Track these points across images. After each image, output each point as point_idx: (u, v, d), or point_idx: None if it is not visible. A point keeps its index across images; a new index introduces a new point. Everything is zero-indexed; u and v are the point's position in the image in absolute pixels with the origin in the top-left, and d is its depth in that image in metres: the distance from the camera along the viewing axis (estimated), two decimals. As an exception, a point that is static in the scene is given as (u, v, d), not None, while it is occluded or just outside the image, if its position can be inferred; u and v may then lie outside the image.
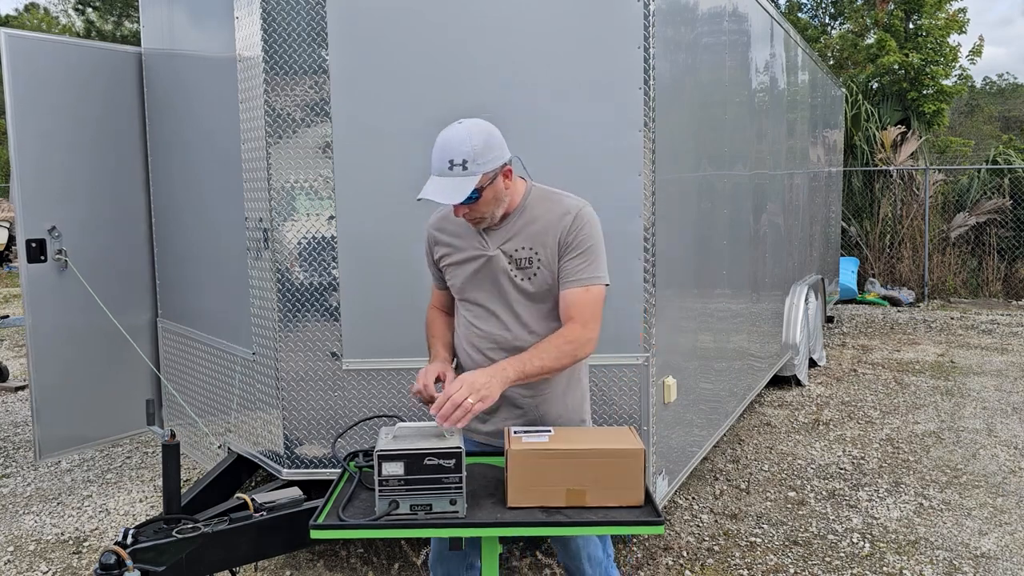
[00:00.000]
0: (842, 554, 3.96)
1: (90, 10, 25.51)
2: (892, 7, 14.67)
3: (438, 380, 2.46)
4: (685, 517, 4.38)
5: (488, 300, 2.54)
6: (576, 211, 2.46)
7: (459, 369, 2.64)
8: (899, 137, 12.93)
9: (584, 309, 2.41)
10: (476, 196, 2.34)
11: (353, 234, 3.44)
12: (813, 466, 5.13)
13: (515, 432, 2.30)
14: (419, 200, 2.33)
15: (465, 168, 2.30)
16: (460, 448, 2.09)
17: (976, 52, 14.95)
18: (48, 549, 4.13)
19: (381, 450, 2.09)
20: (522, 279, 2.48)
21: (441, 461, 2.07)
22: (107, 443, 5.05)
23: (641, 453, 2.18)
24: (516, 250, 2.48)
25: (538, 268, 2.47)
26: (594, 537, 2.69)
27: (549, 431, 2.33)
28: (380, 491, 2.08)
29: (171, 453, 3.00)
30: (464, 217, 2.43)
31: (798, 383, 6.95)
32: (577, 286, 2.43)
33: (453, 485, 2.08)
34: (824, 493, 4.70)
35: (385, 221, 3.43)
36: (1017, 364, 7.90)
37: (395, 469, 2.07)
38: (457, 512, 2.08)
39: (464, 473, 2.09)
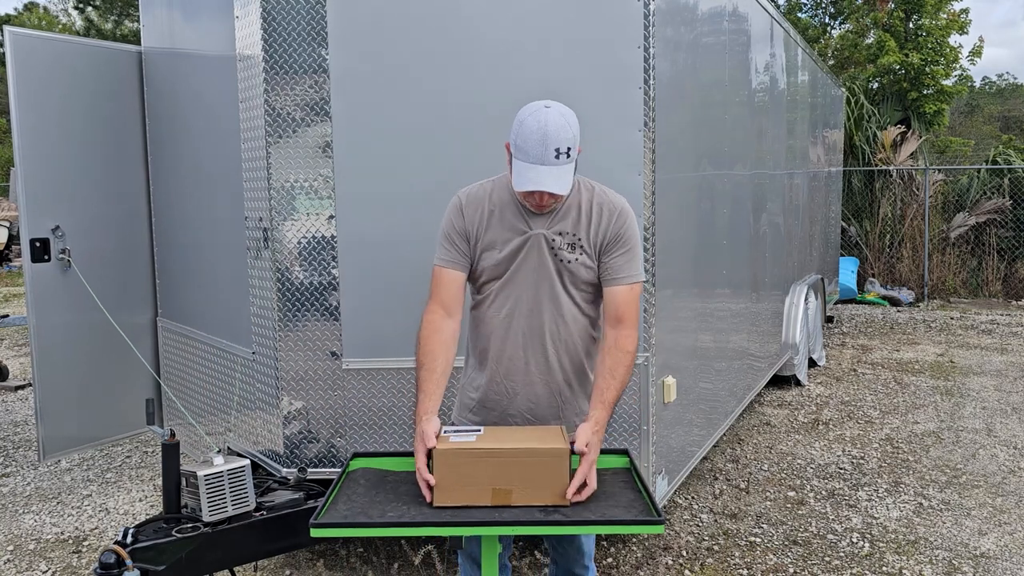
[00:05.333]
0: (842, 554, 3.96)
1: (90, 9, 25.49)
2: (892, 7, 14.67)
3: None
4: (685, 517, 4.38)
5: (528, 288, 2.45)
6: (621, 206, 2.46)
7: (486, 371, 2.53)
8: (899, 137, 12.93)
9: (631, 309, 2.40)
10: None
11: (353, 234, 3.44)
12: (813, 466, 5.13)
13: (444, 431, 2.28)
14: (530, 192, 2.29)
15: (568, 156, 2.27)
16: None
17: (976, 53, 14.96)
18: (48, 548, 4.13)
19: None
20: (568, 261, 2.43)
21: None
22: (109, 443, 5.05)
23: (566, 453, 2.16)
24: (560, 233, 2.42)
25: (580, 254, 2.43)
26: (592, 535, 2.69)
27: (479, 430, 2.30)
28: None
29: (171, 453, 3.01)
30: (540, 203, 2.35)
31: (798, 383, 6.95)
32: (623, 283, 2.41)
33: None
34: (824, 493, 4.70)
35: (384, 221, 3.43)
36: (1017, 364, 7.90)
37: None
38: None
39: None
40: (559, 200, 2.38)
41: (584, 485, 2.18)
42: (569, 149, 2.27)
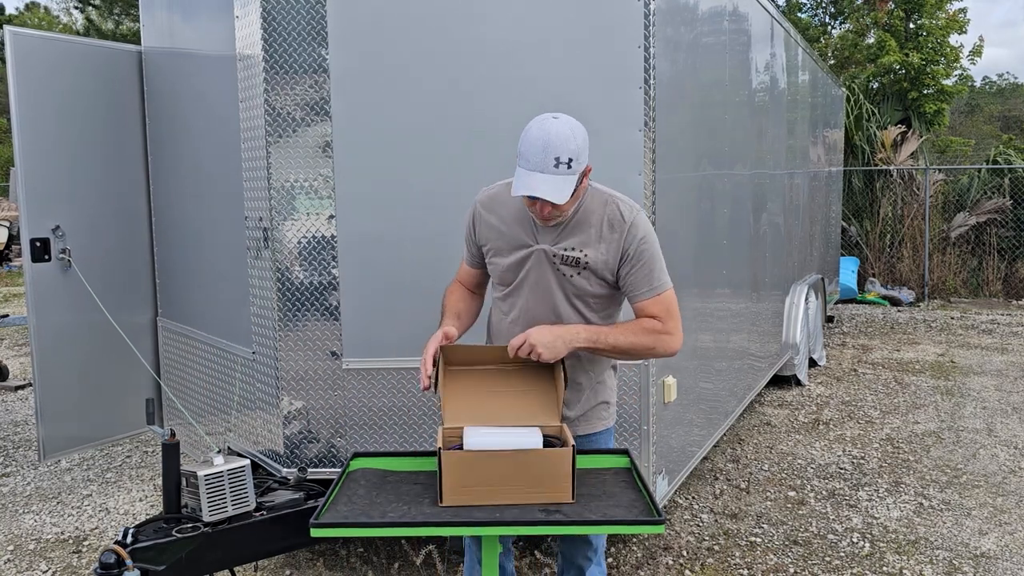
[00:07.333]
0: (842, 554, 3.96)
1: (90, 9, 25.49)
2: (892, 7, 14.67)
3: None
4: (685, 517, 4.38)
5: (531, 298, 2.50)
6: (632, 220, 2.43)
7: None
8: (899, 137, 12.93)
9: (659, 313, 2.42)
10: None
11: (353, 234, 3.44)
12: (813, 466, 5.13)
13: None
14: (521, 196, 2.28)
15: (569, 167, 2.26)
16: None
17: (976, 52, 14.96)
18: (48, 548, 4.13)
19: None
20: (571, 276, 2.45)
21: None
22: (109, 443, 5.05)
23: (568, 453, 2.20)
24: (565, 249, 2.43)
25: (583, 269, 2.44)
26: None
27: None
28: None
29: (171, 452, 3.00)
30: (543, 214, 2.35)
31: (798, 383, 6.95)
32: (647, 297, 2.43)
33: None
34: (824, 493, 4.70)
35: (385, 221, 3.43)
36: (1017, 364, 7.90)
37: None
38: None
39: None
40: (562, 211, 2.36)
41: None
42: (571, 160, 2.25)
